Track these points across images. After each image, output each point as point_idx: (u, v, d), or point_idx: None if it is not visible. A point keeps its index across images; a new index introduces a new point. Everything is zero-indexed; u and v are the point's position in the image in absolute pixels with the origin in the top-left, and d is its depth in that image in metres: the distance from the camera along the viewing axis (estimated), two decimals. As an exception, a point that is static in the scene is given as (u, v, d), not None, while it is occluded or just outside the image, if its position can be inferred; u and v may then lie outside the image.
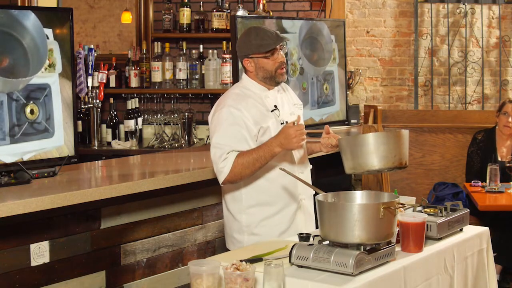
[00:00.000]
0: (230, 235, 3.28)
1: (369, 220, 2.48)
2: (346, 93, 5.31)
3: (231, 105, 3.11)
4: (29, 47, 3.19)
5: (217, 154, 3.08)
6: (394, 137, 2.85)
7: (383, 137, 2.85)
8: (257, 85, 3.21)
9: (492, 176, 4.73)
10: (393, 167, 2.85)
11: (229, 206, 3.26)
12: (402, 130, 2.90)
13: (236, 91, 3.21)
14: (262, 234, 3.17)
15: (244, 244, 3.18)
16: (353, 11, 6.04)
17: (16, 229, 2.95)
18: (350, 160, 2.90)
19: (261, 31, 3.16)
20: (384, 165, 2.83)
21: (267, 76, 3.19)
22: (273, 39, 3.13)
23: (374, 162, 2.83)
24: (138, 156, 4.39)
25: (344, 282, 2.37)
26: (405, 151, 2.87)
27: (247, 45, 3.16)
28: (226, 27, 5.59)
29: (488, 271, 3.15)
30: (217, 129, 3.11)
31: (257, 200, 3.19)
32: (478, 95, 5.96)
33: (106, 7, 7.04)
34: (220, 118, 3.11)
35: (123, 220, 3.41)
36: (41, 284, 3.06)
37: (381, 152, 2.82)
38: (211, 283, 2.31)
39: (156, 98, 5.72)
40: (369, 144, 2.83)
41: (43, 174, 3.25)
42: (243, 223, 3.21)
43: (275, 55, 3.16)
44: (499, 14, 5.87)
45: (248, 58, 3.18)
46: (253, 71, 3.19)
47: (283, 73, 3.20)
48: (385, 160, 2.83)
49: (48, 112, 3.29)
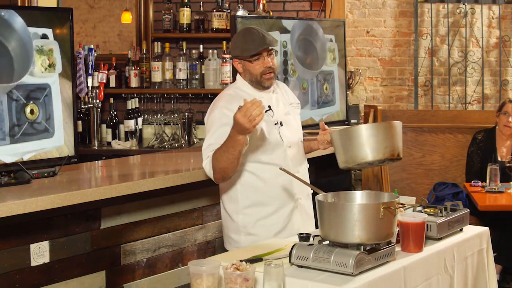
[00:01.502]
0: (227, 235, 3.29)
1: (369, 220, 2.48)
2: (346, 93, 5.31)
3: (223, 106, 3.11)
4: (15, 52, 3.14)
5: (203, 155, 3.11)
6: (384, 128, 2.76)
7: (372, 128, 2.76)
8: (248, 85, 3.21)
9: (492, 176, 4.73)
10: (384, 158, 2.76)
11: (226, 206, 3.26)
12: (394, 121, 2.81)
13: (229, 92, 3.21)
14: (258, 234, 3.17)
15: (240, 244, 3.18)
16: (353, 11, 6.04)
17: (16, 229, 2.95)
18: (341, 153, 2.82)
19: (248, 34, 3.11)
20: (375, 157, 2.74)
21: (253, 80, 3.17)
22: (257, 44, 3.07)
23: (364, 154, 2.74)
24: (138, 156, 4.39)
25: (344, 282, 2.37)
26: (397, 142, 2.78)
27: (234, 47, 3.16)
28: (226, 27, 5.59)
29: (488, 271, 3.15)
30: (208, 129, 3.13)
31: (253, 200, 3.18)
32: (478, 95, 5.96)
33: (106, 7, 7.04)
34: (212, 119, 3.13)
35: (123, 220, 3.41)
36: (41, 284, 3.06)
37: (371, 144, 2.73)
38: (211, 283, 2.31)
39: (156, 98, 5.72)
40: (359, 136, 2.75)
41: (43, 174, 3.25)
42: (239, 223, 3.21)
43: (260, 60, 3.11)
44: (499, 14, 5.87)
45: (237, 59, 3.18)
46: (242, 72, 3.20)
47: (269, 78, 3.14)
48: (375, 152, 2.73)
49: (48, 112, 3.29)
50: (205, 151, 3.11)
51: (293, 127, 3.29)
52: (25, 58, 3.19)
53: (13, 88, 3.14)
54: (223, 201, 3.28)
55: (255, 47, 3.08)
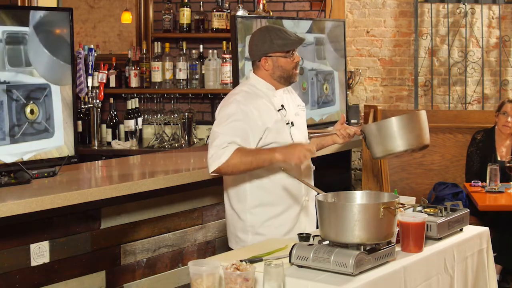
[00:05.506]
0: (234, 234, 3.27)
1: (369, 220, 2.48)
2: (346, 93, 5.31)
3: (240, 101, 3.10)
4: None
5: (217, 141, 3.05)
6: (412, 119, 3.13)
7: (402, 120, 3.11)
8: (265, 84, 3.20)
9: (492, 176, 4.72)
10: (413, 148, 3.15)
11: (233, 205, 3.25)
12: (421, 111, 3.17)
13: (245, 88, 3.20)
14: (266, 234, 3.16)
15: (248, 243, 3.17)
16: (353, 11, 6.04)
17: (16, 229, 2.95)
18: (376, 145, 3.16)
19: (280, 32, 3.17)
20: (405, 147, 3.12)
21: (283, 75, 3.19)
22: (295, 39, 3.16)
23: (396, 144, 3.11)
24: (138, 156, 4.39)
25: (344, 282, 2.37)
26: (424, 132, 3.15)
27: (268, 44, 3.14)
28: (226, 27, 5.59)
29: (488, 271, 3.15)
30: (222, 120, 3.09)
31: (261, 200, 3.18)
32: (478, 95, 5.96)
33: (106, 7, 7.04)
34: (228, 111, 3.10)
35: (123, 220, 3.41)
36: (41, 284, 3.06)
37: (401, 135, 3.10)
38: (211, 283, 2.32)
39: (156, 98, 5.72)
40: (390, 128, 3.11)
41: (43, 174, 3.25)
42: (247, 223, 3.20)
43: (293, 56, 3.17)
44: (499, 14, 5.87)
45: (267, 56, 3.16)
46: (269, 69, 3.18)
47: (297, 74, 3.23)
48: (406, 142, 3.11)
49: (48, 112, 3.29)
50: (217, 137, 3.05)
51: (301, 128, 3.31)
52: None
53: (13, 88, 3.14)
54: (230, 199, 3.26)
55: (293, 42, 3.15)
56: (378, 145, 3.16)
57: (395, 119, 3.11)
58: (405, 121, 3.12)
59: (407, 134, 3.11)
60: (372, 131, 3.17)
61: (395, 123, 3.11)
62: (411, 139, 3.12)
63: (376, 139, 3.16)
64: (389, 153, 3.16)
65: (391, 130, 3.11)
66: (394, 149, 3.13)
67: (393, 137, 3.11)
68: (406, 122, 3.12)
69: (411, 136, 3.12)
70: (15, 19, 3.17)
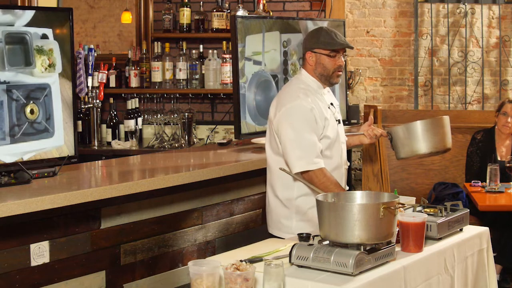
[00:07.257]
0: (277, 220, 3.33)
1: (369, 220, 2.48)
2: (346, 93, 5.31)
3: (303, 99, 3.17)
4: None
5: (309, 148, 3.13)
6: (438, 123, 3.36)
7: (429, 124, 3.34)
8: (315, 80, 3.29)
9: (492, 176, 4.72)
10: (435, 151, 3.39)
11: (278, 193, 3.30)
12: (444, 117, 3.40)
13: (300, 85, 3.27)
14: (311, 220, 3.21)
15: (292, 229, 3.23)
16: (353, 11, 6.04)
17: (16, 229, 2.95)
18: (401, 146, 3.39)
19: (332, 33, 3.25)
20: (429, 150, 3.36)
21: (323, 74, 3.26)
22: (340, 42, 3.22)
23: (419, 147, 3.35)
24: (138, 156, 4.39)
25: (344, 282, 2.38)
26: (446, 137, 3.39)
27: (315, 40, 3.24)
28: (226, 27, 5.59)
29: (488, 271, 3.15)
30: (296, 124, 3.15)
31: (308, 190, 3.23)
32: (478, 95, 5.96)
33: (106, 7, 7.04)
34: (297, 112, 3.16)
35: (123, 220, 3.41)
36: (41, 284, 3.06)
37: (425, 138, 3.34)
38: (211, 283, 2.32)
39: (156, 98, 5.72)
40: (417, 130, 3.34)
41: (43, 174, 3.25)
42: (293, 210, 3.27)
43: (336, 57, 3.23)
44: (499, 14, 5.87)
45: (312, 51, 3.25)
46: (312, 65, 3.26)
47: (339, 76, 3.29)
48: (431, 144, 3.35)
49: (48, 112, 3.29)
50: (308, 144, 3.13)
51: (342, 126, 3.42)
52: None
53: (13, 88, 3.14)
54: (276, 188, 3.31)
55: (340, 43, 3.22)
56: (403, 147, 3.39)
57: (420, 123, 3.34)
58: (430, 124, 3.34)
59: (431, 137, 3.34)
60: (398, 133, 3.40)
61: (420, 127, 3.34)
62: (435, 142, 3.35)
63: (402, 141, 3.39)
64: (413, 154, 3.39)
65: (417, 133, 3.34)
66: (418, 150, 3.35)
67: (418, 140, 3.34)
68: (431, 125, 3.34)
69: (435, 139, 3.35)
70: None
